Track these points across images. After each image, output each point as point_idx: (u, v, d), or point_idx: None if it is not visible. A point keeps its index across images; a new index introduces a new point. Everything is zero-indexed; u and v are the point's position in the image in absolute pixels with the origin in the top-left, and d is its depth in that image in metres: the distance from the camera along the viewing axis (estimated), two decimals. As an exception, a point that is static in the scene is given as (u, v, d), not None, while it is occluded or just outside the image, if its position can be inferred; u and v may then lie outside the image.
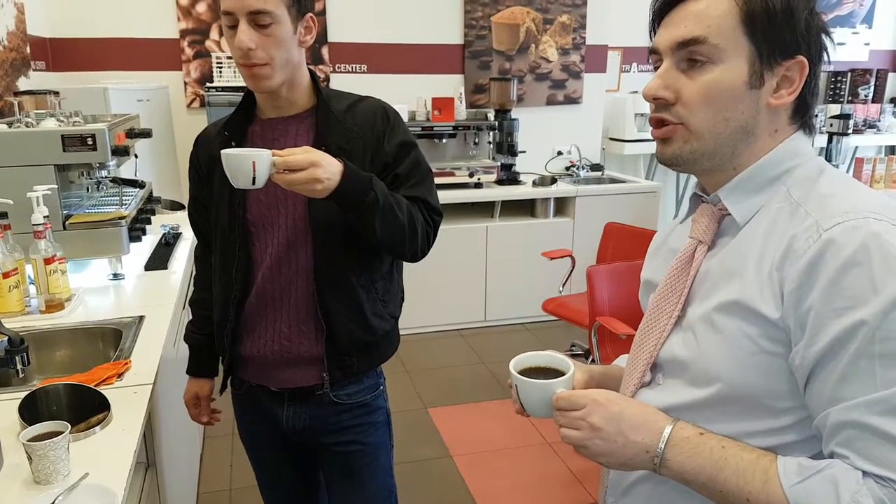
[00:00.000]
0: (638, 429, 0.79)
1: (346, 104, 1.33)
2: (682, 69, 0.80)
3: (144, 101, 3.30)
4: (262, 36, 1.21)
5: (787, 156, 0.81)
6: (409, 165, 1.34)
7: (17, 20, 2.96)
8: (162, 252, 2.33)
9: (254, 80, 1.26)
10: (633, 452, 0.79)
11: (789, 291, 0.72)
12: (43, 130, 1.95)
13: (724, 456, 0.76)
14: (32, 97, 2.44)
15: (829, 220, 0.72)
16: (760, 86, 0.78)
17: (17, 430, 1.17)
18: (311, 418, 1.39)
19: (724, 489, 0.75)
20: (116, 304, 1.91)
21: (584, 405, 0.81)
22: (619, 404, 0.81)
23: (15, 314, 1.72)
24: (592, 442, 0.80)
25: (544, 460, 2.76)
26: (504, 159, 4.13)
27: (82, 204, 2.20)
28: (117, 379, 1.42)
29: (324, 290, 1.30)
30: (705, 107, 0.79)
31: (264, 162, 1.13)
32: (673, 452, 0.78)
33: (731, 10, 0.77)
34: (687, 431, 0.79)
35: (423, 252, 1.37)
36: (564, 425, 0.82)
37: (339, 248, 1.30)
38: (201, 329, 1.49)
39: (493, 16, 4.29)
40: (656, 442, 0.78)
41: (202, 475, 2.62)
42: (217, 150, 1.31)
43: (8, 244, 1.69)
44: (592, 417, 0.80)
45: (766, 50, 0.77)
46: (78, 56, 3.68)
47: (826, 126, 4.12)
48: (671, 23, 0.81)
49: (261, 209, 1.32)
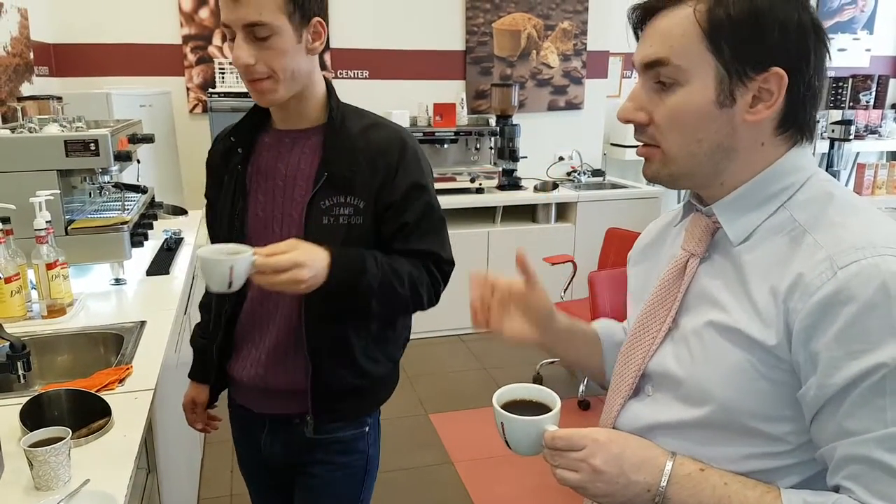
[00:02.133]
0: (639, 468, 0.77)
1: (361, 125, 1.25)
2: (654, 89, 0.78)
3: (147, 106, 3.31)
4: (261, 49, 1.13)
5: (784, 172, 0.78)
6: (420, 212, 1.24)
7: (20, 26, 2.97)
8: (164, 257, 2.33)
9: (258, 95, 1.19)
10: (634, 492, 0.77)
11: (800, 328, 0.70)
12: (46, 136, 1.95)
13: (726, 493, 0.74)
14: (36, 102, 2.44)
15: (844, 256, 0.69)
16: (732, 104, 0.74)
17: (19, 435, 1.16)
18: (285, 446, 1.35)
19: None
20: (118, 309, 1.91)
21: (583, 446, 0.78)
22: (619, 444, 0.79)
23: (17, 319, 1.71)
24: (594, 485, 0.77)
25: (546, 467, 2.73)
26: (505, 165, 4.13)
27: (84, 209, 2.20)
28: (119, 384, 1.42)
29: (311, 326, 1.23)
30: (675, 130, 0.77)
31: (243, 264, 1.04)
32: (674, 490, 0.76)
33: (692, 28, 0.74)
34: (688, 468, 0.77)
35: (429, 306, 1.30)
36: (562, 466, 0.79)
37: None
38: (207, 334, 1.47)
39: (494, 22, 4.30)
40: (657, 480, 0.76)
41: (202, 481, 2.61)
42: (221, 157, 1.30)
43: (10, 249, 1.70)
44: (594, 460, 0.77)
45: (734, 66, 0.73)
46: (81, 61, 3.70)
47: (827, 132, 4.12)
48: (643, 38, 0.79)
49: (257, 226, 1.27)
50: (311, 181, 1.23)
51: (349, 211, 1.22)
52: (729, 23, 0.73)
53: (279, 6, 1.12)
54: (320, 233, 1.20)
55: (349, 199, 1.22)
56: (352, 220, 1.22)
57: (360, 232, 1.23)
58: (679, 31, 0.75)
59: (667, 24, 0.76)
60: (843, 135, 3.97)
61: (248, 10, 1.11)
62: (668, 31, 0.76)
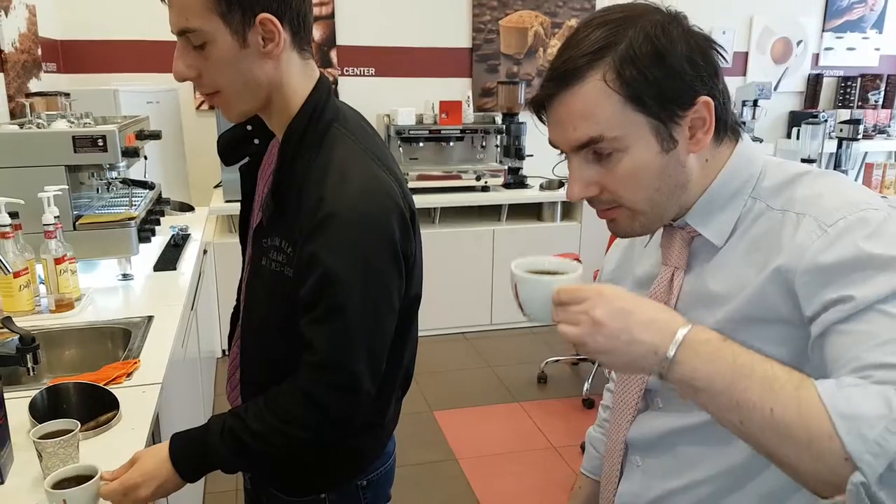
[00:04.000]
0: (647, 327, 0.68)
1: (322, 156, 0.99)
2: (592, 160, 0.78)
3: (154, 103, 3.32)
4: (202, 60, 0.94)
5: (739, 167, 0.80)
6: (316, 293, 0.95)
7: (28, 22, 2.99)
8: (171, 253, 2.34)
9: (221, 109, 1.01)
10: (638, 352, 0.68)
11: (802, 284, 0.70)
12: (54, 131, 1.97)
13: (749, 363, 0.65)
14: (44, 98, 2.46)
15: (830, 216, 0.71)
16: (675, 145, 0.76)
17: (28, 427, 1.18)
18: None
19: (743, 398, 0.63)
20: (126, 304, 1.93)
21: (586, 298, 0.70)
22: (627, 299, 0.70)
23: (26, 313, 1.73)
24: (593, 338, 0.69)
25: (550, 464, 2.75)
26: (511, 163, 4.13)
27: (92, 205, 2.22)
28: (126, 378, 1.43)
29: (245, 368, 1.10)
30: (633, 190, 0.77)
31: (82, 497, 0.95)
32: (686, 354, 0.66)
33: (610, 98, 0.73)
34: (707, 334, 0.68)
35: (326, 434, 1.01)
36: (563, 321, 0.71)
37: (264, 337, 1.07)
38: None
39: (501, 19, 4.30)
40: (668, 342, 0.67)
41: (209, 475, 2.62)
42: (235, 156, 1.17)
43: (19, 244, 1.71)
44: (595, 311, 0.69)
45: (663, 113, 0.74)
46: (89, 58, 3.71)
47: (836, 131, 4.10)
48: (557, 122, 0.78)
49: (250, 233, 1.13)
50: (260, 209, 1.07)
51: (282, 258, 1.01)
52: (643, 79, 0.73)
53: (207, 6, 0.91)
54: (258, 274, 1.06)
55: (283, 243, 1.01)
56: (284, 269, 1.01)
57: (288, 289, 0.99)
58: (599, 107, 0.74)
59: (580, 103, 0.75)
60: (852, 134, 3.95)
61: (176, 14, 0.93)
62: (585, 109, 0.74)
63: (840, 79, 5.04)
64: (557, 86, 0.76)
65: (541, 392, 3.36)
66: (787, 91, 4.98)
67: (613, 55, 0.73)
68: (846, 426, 0.58)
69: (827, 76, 5.01)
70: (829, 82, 5.03)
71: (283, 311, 1.01)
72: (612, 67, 0.73)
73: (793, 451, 0.61)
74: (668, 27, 0.74)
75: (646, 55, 0.72)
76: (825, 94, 5.04)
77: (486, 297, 4.05)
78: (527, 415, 3.13)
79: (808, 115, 4.40)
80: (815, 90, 5.00)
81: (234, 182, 3.51)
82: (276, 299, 1.03)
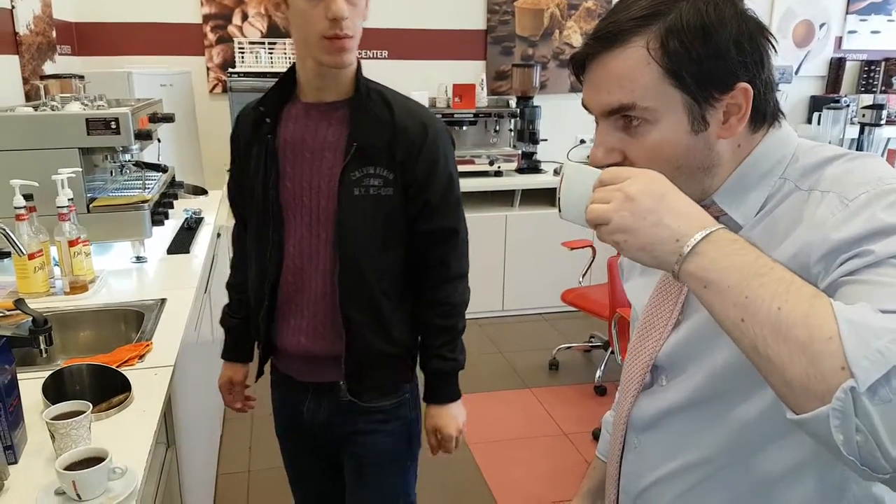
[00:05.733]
0: (677, 214, 0.65)
1: (386, 101, 1.27)
2: (620, 127, 0.76)
3: (167, 85, 3.32)
4: (350, 5, 1.16)
5: (772, 148, 0.77)
6: (441, 191, 1.29)
7: (43, 4, 2.99)
8: (184, 236, 2.35)
9: (337, 55, 1.18)
10: (659, 236, 0.65)
11: (819, 258, 0.66)
12: (68, 114, 1.97)
13: (770, 263, 0.61)
14: (58, 81, 2.47)
15: (852, 191, 0.67)
16: (706, 127, 0.74)
17: (41, 408, 1.19)
18: (329, 414, 1.38)
19: (753, 294, 0.59)
20: (139, 286, 1.94)
21: (628, 176, 0.68)
22: (667, 186, 0.68)
23: (40, 295, 1.74)
24: (618, 214, 0.66)
25: (560, 451, 2.75)
26: (525, 147, 4.10)
27: (106, 187, 2.22)
28: (139, 360, 1.44)
29: (344, 294, 1.27)
30: (654, 164, 0.75)
31: None
32: (710, 247, 0.63)
33: (649, 67, 0.72)
34: (735, 236, 0.64)
35: (466, 297, 1.40)
36: (596, 199, 0.69)
37: (363, 253, 1.26)
38: (237, 313, 1.48)
39: (516, 1, 4.24)
40: (692, 232, 0.64)
41: (221, 456, 2.66)
42: (252, 125, 1.31)
43: (33, 226, 1.72)
44: (631, 187, 0.66)
45: (700, 94, 0.72)
46: (103, 40, 3.72)
47: (858, 116, 4.02)
48: (594, 84, 0.76)
49: (287, 197, 1.28)
50: (339, 153, 1.25)
51: (379, 182, 1.24)
52: (686, 54, 0.71)
53: None
54: (352, 204, 1.24)
55: (378, 170, 1.24)
56: (381, 191, 1.25)
57: (391, 204, 1.26)
58: (637, 73, 0.72)
59: (620, 67, 0.73)
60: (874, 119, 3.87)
61: None
62: (623, 74, 0.73)
63: (863, 62, 4.93)
64: (600, 46, 0.74)
65: (552, 378, 3.36)
66: (808, 75, 4.88)
67: (661, 24, 0.71)
68: (850, 329, 0.54)
69: (850, 60, 4.90)
70: (851, 66, 4.93)
71: (383, 225, 1.26)
72: (657, 36, 0.71)
73: (786, 350, 0.57)
74: (721, 6, 0.72)
75: (693, 30, 0.71)
76: (848, 79, 4.93)
77: (499, 284, 4.04)
78: (538, 401, 3.13)
79: (829, 100, 4.32)
80: (838, 74, 4.89)
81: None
82: (376, 218, 1.25)
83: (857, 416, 0.53)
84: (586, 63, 0.77)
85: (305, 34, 1.18)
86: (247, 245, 1.41)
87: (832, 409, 0.53)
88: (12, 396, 1.07)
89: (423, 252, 1.32)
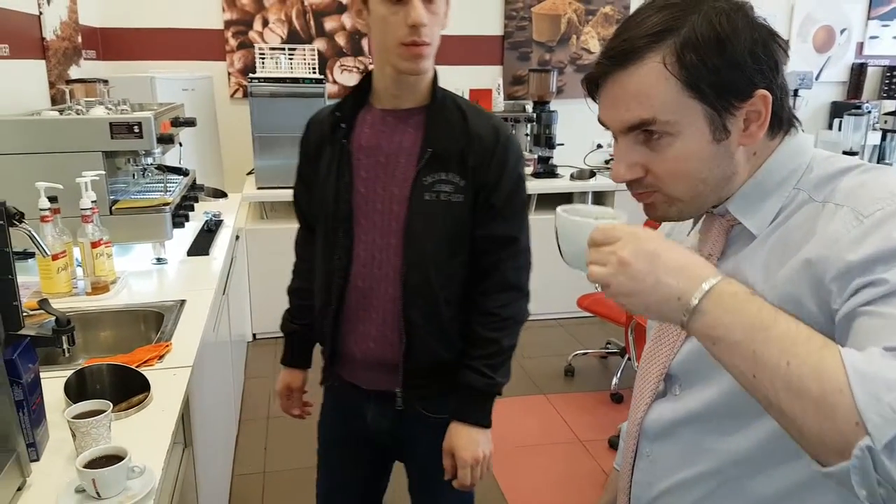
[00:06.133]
0: (676, 272, 0.66)
1: (460, 108, 1.28)
2: (641, 142, 0.76)
3: (189, 90, 3.37)
4: (429, 13, 1.17)
5: (787, 157, 0.77)
6: (506, 197, 1.28)
7: (69, 10, 3.05)
8: (204, 238, 2.38)
9: (414, 62, 1.19)
10: (661, 296, 0.65)
11: (834, 277, 0.66)
12: (92, 118, 2.01)
13: (773, 316, 0.62)
14: (83, 85, 2.51)
15: (867, 207, 0.67)
16: (727, 136, 0.74)
17: (63, 406, 1.21)
18: (393, 422, 1.36)
19: (761, 350, 0.60)
20: (159, 287, 1.96)
21: (619, 238, 0.68)
22: (658, 243, 0.68)
23: (63, 295, 1.77)
24: (617, 279, 0.67)
25: (575, 458, 2.74)
26: (541, 152, 4.09)
27: (128, 190, 2.26)
28: (158, 361, 1.46)
29: (409, 299, 1.26)
30: (679, 178, 0.76)
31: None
32: (712, 304, 0.63)
33: (668, 82, 0.72)
34: (736, 287, 0.65)
35: (524, 317, 1.39)
36: (594, 261, 0.70)
37: (430, 258, 1.26)
38: (299, 319, 1.47)
39: (533, 6, 4.25)
40: (693, 289, 0.64)
41: (237, 457, 2.68)
42: (328, 130, 1.32)
43: (57, 227, 1.75)
44: (623, 251, 0.67)
45: (720, 103, 0.72)
46: (127, 46, 3.78)
47: (880, 122, 3.96)
48: (610, 101, 0.76)
49: (359, 202, 1.28)
50: (413, 158, 1.26)
51: (450, 188, 1.25)
52: (703, 66, 0.71)
53: None
54: (423, 209, 1.24)
55: (450, 175, 1.25)
56: (452, 197, 1.25)
57: (461, 210, 1.26)
58: (655, 89, 0.72)
59: (636, 83, 0.73)
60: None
61: None
62: (641, 91, 0.73)
63: (885, 68, 4.87)
64: (614, 64, 0.75)
65: (567, 385, 3.34)
66: (829, 81, 4.83)
67: (675, 39, 0.72)
68: (860, 382, 0.54)
69: (871, 66, 4.84)
70: (873, 72, 4.86)
71: (451, 231, 1.27)
72: (673, 51, 0.72)
73: (800, 406, 0.57)
74: (733, 16, 0.72)
75: (708, 42, 0.71)
76: (869, 84, 4.87)
77: (515, 288, 4.02)
78: (553, 408, 3.12)
79: (850, 106, 4.26)
80: (859, 80, 4.83)
81: (266, 169, 3.56)
82: (445, 223, 1.26)
83: (876, 472, 0.53)
84: (600, 82, 0.77)
85: (384, 40, 1.19)
86: (313, 250, 1.39)
87: (852, 467, 0.54)
88: (35, 395, 1.10)
89: (479, 256, 1.30)
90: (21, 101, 2.35)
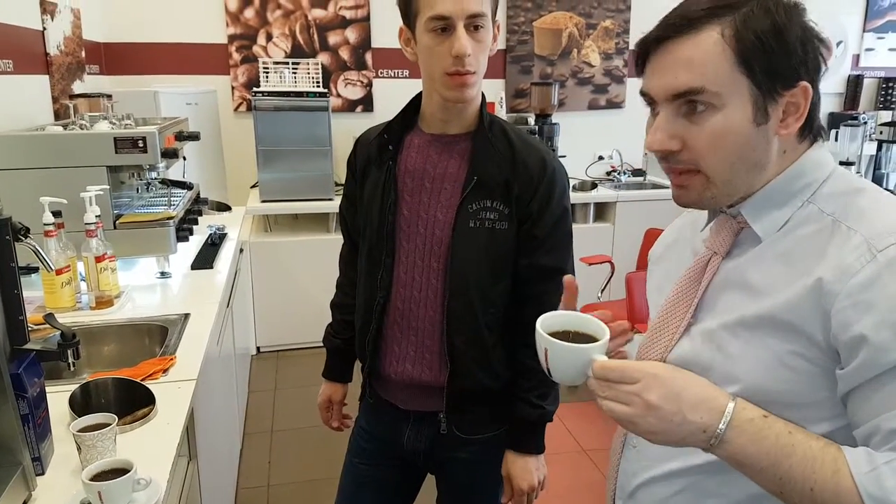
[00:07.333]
0: (697, 407, 0.72)
1: (508, 136, 1.27)
2: (683, 114, 0.78)
3: (193, 104, 3.39)
4: (474, 42, 1.16)
5: (807, 168, 0.79)
6: (551, 228, 1.27)
7: (73, 25, 3.08)
8: (208, 252, 2.39)
9: (459, 91, 1.20)
10: (688, 432, 0.72)
11: (840, 310, 0.70)
12: (96, 133, 2.02)
13: (791, 442, 0.71)
14: (87, 100, 2.53)
15: (882, 240, 0.70)
16: (767, 120, 0.76)
17: (68, 420, 1.21)
18: (430, 442, 1.36)
19: (786, 477, 0.70)
20: (163, 301, 1.97)
21: (638, 379, 0.73)
22: (680, 380, 0.74)
23: (67, 309, 1.78)
24: (644, 420, 0.72)
25: (579, 468, 2.73)
26: (544, 164, 4.10)
27: (132, 204, 2.27)
28: (162, 374, 1.46)
29: (452, 324, 1.26)
30: (717, 153, 0.77)
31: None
32: (734, 434, 0.72)
33: (723, 54, 0.74)
34: (750, 413, 0.73)
35: None
36: (611, 398, 0.74)
37: (473, 285, 1.26)
38: (340, 333, 1.49)
39: (535, 21, 4.28)
40: (716, 422, 0.72)
41: (241, 470, 2.67)
42: (375, 152, 1.32)
43: (61, 242, 1.76)
44: (649, 394, 0.72)
45: (766, 85, 0.75)
46: (130, 60, 3.81)
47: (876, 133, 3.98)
48: (660, 68, 0.78)
49: (402, 224, 1.29)
50: (459, 184, 1.26)
51: (494, 216, 1.25)
52: (758, 44, 0.74)
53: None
54: (466, 236, 1.24)
55: (495, 203, 1.25)
56: (496, 224, 1.25)
57: (504, 238, 1.26)
58: (709, 58, 0.74)
59: (691, 51, 0.75)
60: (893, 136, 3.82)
61: (472, 2, 1.14)
62: (694, 58, 0.75)
63: (881, 80, 4.89)
64: (672, 31, 0.77)
65: (570, 394, 3.33)
66: (826, 92, 4.84)
67: (736, 15, 0.74)
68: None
69: (867, 77, 4.87)
70: (869, 83, 4.89)
71: (494, 258, 1.26)
72: (733, 25, 0.74)
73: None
74: (790, 9, 0.75)
75: (765, 24, 0.74)
76: (866, 96, 4.90)
77: (517, 299, 4.02)
78: (556, 417, 3.09)
79: (847, 117, 4.28)
80: (856, 91, 4.86)
81: (270, 182, 3.58)
82: (489, 251, 1.25)
83: None
84: (651, 49, 0.79)
85: (431, 70, 1.21)
86: (356, 265, 1.40)
87: None
88: (41, 409, 1.10)
89: (524, 287, 1.30)
90: (25, 117, 2.37)
